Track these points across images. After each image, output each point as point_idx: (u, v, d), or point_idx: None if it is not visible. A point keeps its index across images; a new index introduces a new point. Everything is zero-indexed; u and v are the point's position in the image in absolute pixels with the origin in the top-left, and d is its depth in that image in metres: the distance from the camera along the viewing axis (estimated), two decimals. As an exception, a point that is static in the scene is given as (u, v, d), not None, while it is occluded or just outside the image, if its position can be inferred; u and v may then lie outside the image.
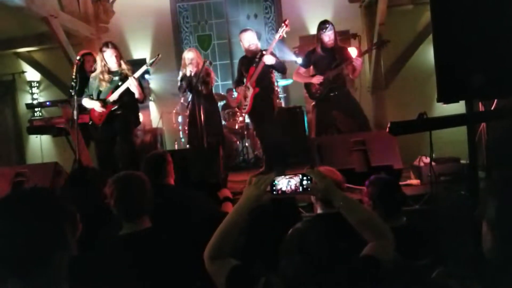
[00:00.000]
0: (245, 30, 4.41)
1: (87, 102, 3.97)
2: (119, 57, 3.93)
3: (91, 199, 2.14)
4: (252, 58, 4.23)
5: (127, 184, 1.81)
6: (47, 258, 0.99)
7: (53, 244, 1.01)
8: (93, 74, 4.03)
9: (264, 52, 4.09)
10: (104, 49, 3.91)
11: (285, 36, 4.20)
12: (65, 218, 1.05)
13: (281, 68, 4.28)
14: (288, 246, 1.29)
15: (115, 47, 3.93)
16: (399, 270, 1.50)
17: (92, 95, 3.98)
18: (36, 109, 6.64)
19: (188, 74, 4.33)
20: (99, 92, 3.94)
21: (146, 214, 1.82)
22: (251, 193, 1.44)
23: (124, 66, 3.94)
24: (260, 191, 1.44)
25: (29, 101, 6.94)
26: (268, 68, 4.24)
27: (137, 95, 3.88)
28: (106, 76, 3.89)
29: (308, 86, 4.40)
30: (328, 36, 4.18)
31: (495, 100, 2.33)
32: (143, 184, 1.84)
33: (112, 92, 3.89)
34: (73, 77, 3.94)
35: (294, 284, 1.25)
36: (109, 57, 3.87)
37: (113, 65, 3.89)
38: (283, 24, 4.13)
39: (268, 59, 4.05)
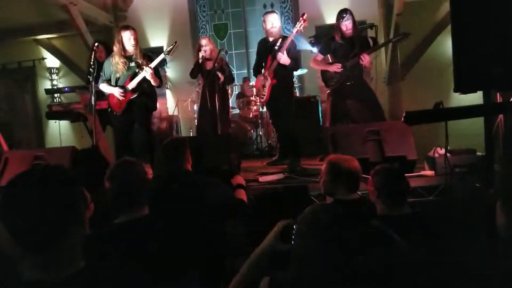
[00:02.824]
0: (271, 11, 4.35)
1: (105, 87, 3.99)
2: (137, 40, 3.91)
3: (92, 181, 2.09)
4: (271, 44, 4.19)
5: (123, 172, 1.79)
6: (63, 234, 1.01)
7: (69, 220, 1.03)
8: (109, 58, 4.04)
9: (279, 53, 4.01)
10: (122, 31, 3.91)
11: (302, 30, 4.16)
12: (79, 196, 1.08)
13: (293, 68, 4.22)
14: (301, 225, 1.30)
15: (133, 30, 3.93)
16: (404, 258, 1.52)
17: (109, 80, 4.00)
18: (55, 95, 6.77)
19: (200, 60, 4.39)
20: (117, 78, 3.95)
21: (142, 203, 1.79)
22: (272, 240, 1.40)
23: (138, 51, 3.91)
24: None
25: (49, 87, 7.09)
26: None
27: (153, 83, 3.91)
28: (122, 60, 3.88)
29: (324, 74, 4.38)
30: (346, 26, 4.14)
31: (514, 92, 2.30)
32: (139, 173, 1.81)
33: (130, 79, 3.90)
34: (91, 63, 3.99)
35: (304, 266, 1.27)
36: (127, 40, 3.86)
37: (129, 47, 3.88)
38: (301, 19, 4.04)
39: (283, 59, 4.00)
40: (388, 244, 1.56)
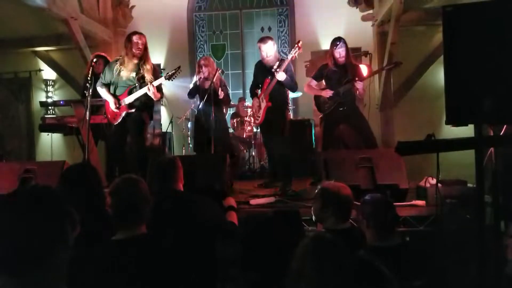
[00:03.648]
0: (265, 40, 4.22)
1: (102, 92, 3.99)
2: (144, 46, 3.92)
3: (84, 199, 2.03)
4: (269, 67, 4.25)
5: (125, 188, 1.79)
6: (47, 257, 0.99)
7: (54, 243, 1.01)
8: (111, 63, 4.06)
9: (278, 70, 4.11)
10: (132, 35, 3.92)
11: (297, 57, 4.25)
12: (66, 218, 1.06)
13: (292, 87, 4.29)
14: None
15: (142, 35, 3.94)
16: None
17: (108, 84, 3.99)
18: (49, 107, 6.74)
19: (198, 80, 4.43)
20: (116, 87, 3.96)
21: (142, 220, 1.78)
22: None
23: (146, 60, 3.91)
24: None
25: (44, 99, 7.08)
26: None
27: (153, 98, 3.92)
28: (128, 65, 3.86)
29: (317, 99, 4.45)
30: (339, 53, 4.24)
31: (505, 126, 2.35)
32: (142, 191, 1.81)
33: (128, 93, 3.92)
34: (88, 78, 3.99)
35: None
36: (134, 42, 3.86)
37: (136, 51, 3.88)
38: (296, 46, 4.13)
39: (281, 76, 4.08)
40: (375, 276, 1.56)
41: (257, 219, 3.29)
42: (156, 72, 4.00)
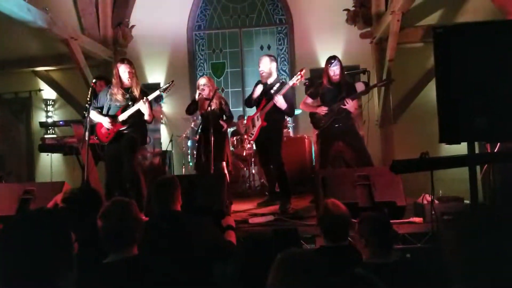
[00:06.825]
0: (261, 56, 4.43)
1: (94, 115, 4.00)
2: (132, 73, 4.01)
3: (88, 222, 2.01)
4: (269, 87, 4.28)
5: (117, 212, 1.80)
6: (56, 282, 1.01)
7: (63, 267, 1.03)
8: (105, 88, 4.12)
9: (277, 94, 4.12)
10: (119, 64, 4.04)
11: (298, 84, 4.28)
12: (70, 241, 1.07)
13: (289, 113, 4.32)
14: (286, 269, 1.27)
15: (129, 63, 4.04)
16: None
17: (99, 108, 4.03)
18: (49, 127, 6.78)
19: (196, 98, 4.48)
20: (109, 108, 4.01)
21: (133, 243, 1.79)
22: None
23: (135, 85, 4.00)
24: None
25: (44, 119, 7.13)
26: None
27: (146, 116, 3.96)
28: (121, 92, 3.96)
29: (313, 116, 4.48)
30: (333, 71, 4.29)
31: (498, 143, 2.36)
32: (132, 214, 1.82)
33: (122, 110, 3.96)
34: (88, 99, 4.03)
35: None
36: (122, 72, 3.98)
37: (125, 80, 3.99)
38: (298, 74, 4.17)
39: (279, 101, 4.08)
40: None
41: (256, 239, 3.29)
42: (146, 94, 4.04)
